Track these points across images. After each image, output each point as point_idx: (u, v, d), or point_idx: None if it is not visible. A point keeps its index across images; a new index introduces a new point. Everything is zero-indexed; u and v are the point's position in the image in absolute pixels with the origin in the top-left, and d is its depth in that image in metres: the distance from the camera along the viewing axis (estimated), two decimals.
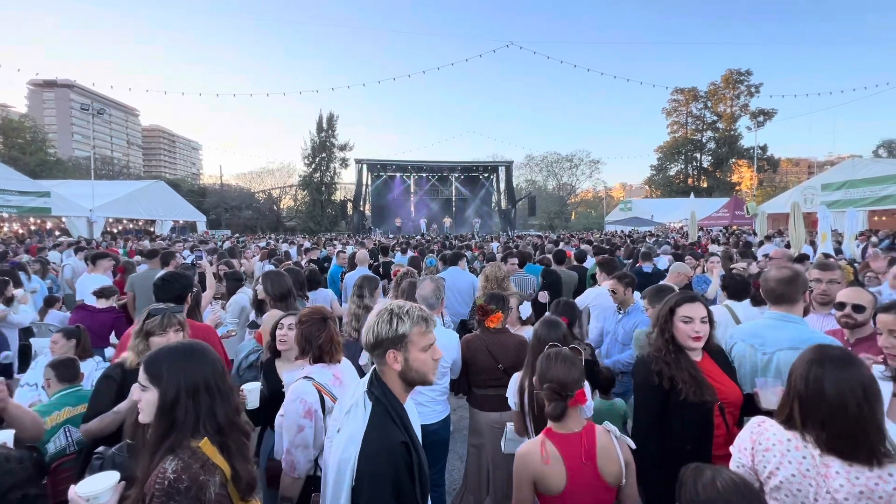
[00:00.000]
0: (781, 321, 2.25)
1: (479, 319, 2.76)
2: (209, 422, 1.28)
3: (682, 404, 1.91)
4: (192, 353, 1.35)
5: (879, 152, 48.47)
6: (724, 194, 37.88)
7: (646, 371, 2.04)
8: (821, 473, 1.35)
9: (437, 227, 28.73)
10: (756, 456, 1.48)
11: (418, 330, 1.42)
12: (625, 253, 9.08)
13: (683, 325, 2.03)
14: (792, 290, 2.28)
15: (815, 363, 1.39)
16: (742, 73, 45.49)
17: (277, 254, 7.50)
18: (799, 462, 1.39)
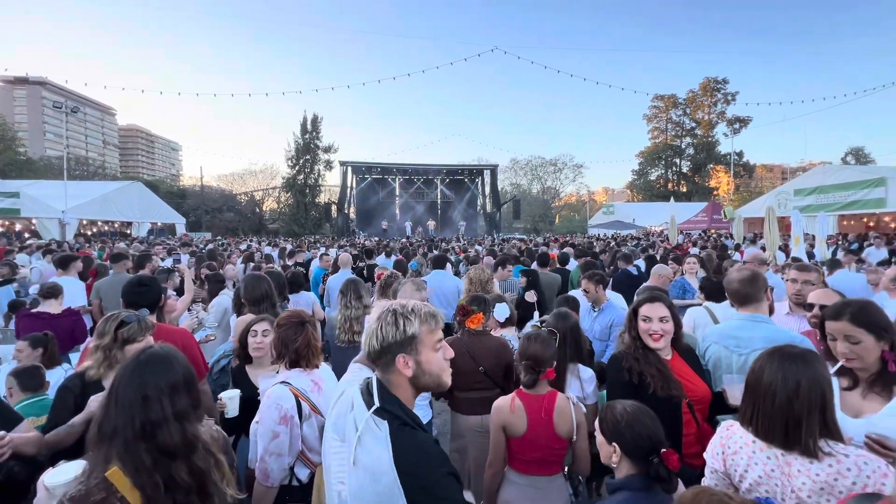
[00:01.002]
0: (752, 322, 2.33)
1: (460, 321, 2.73)
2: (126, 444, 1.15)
3: (651, 399, 1.97)
4: (146, 365, 1.25)
5: (848, 159, 50.48)
6: (702, 199, 38.88)
7: (617, 367, 2.15)
8: (785, 473, 1.38)
9: (422, 231, 28.68)
10: (727, 460, 1.52)
11: (427, 328, 1.29)
12: (608, 258, 9.01)
13: (643, 323, 2.13)
14: (754, 289, 2.37)
15: (768, 357, 1.46)
16: (719, 82, 46.83)
17: (255, 260, 7.26)
18: (764, 463, 1.43)
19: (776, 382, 1.38)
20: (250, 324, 2.44)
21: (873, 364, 1.66)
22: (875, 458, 1.33)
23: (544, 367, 2.04)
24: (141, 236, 22.63)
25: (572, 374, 2.49)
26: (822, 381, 1.37)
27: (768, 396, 1.39)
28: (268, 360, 2.37)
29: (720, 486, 1.56)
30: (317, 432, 1.94)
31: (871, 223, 20.14)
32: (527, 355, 2.08)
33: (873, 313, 1.70)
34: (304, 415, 1.91)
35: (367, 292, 3.35)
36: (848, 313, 1.70)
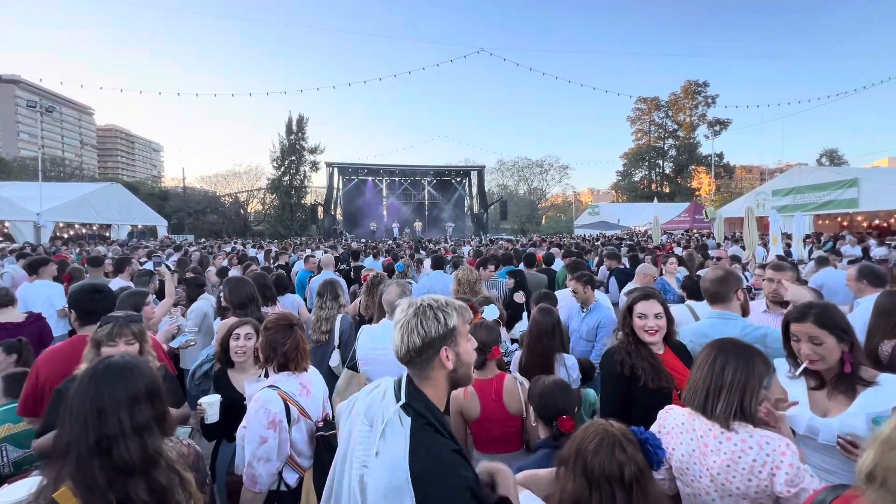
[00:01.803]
0: (721, 319, 2.44)
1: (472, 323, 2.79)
2: (97, 464, 1.08)
3: (643, 390, 2.07)
4: (102, 376, 1.18)
5: (822, 160, 52.15)
6: (685, 199, 39.68)
7: (610, 361, 2.23)
8: (702, 452, 1.52)
9: (409, 232, 28.62)
10: (663, 440, 1.62)
11: (462, 319, 1.30)
12: (597, 259, 9.11)
13: (639, 320, 2.21)
14: (725, 288, 2.48)
15: (713, 343, 1.64)
16: (700, 85, 47.93)
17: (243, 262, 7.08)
18: (688, 444, 1.57)
19: (709, 359, 1.58)
20: (232, 327, 2.41)
21: (835, 365, 1.74)
22: (777, 438, 1.45)
23: (489, 349, 2.30)
24: (121, 239, 22.07)
25: (558, 362, 2.64)
26: (749, 370, 1.51)
27: (699, 369, 1.60)
28: (251, 363, 2.34)
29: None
30: (305, 436, 1.93)
31: (845, 222, 20.83)
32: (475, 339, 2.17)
33: (835, 315, 1.78)
34: (292, 419, 1.89)
35: (343, 293, 3.34)
36: (812, 315, 1.77)
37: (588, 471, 1.22)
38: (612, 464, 1.20)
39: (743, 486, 1.46)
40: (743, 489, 1.46)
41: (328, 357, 3.21)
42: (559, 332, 2.70)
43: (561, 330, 2.74)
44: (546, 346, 2.62)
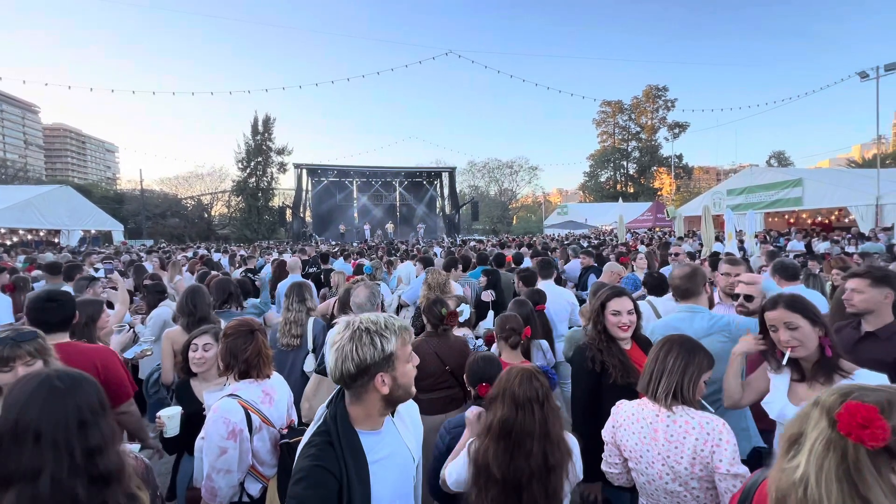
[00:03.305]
0: (691, 313, 2.54)
1: (451, 324, 2.87)
2: (23, 487, 0.99)
3: (612, 387, 2.14)
4: (39, 388, 1.08)
5: (771, 162, 55.41)
6: (648, 199, 41.27)
7: (581, 358, 2.30)
8: (653, 437, 1.64)
9: (381, 234, 28.39)
10: (616, 433, 1.77)
11: (401, 342, 1.26)
12: (560, 255, 9.49)
13: (613, 317, 2.28)
14: (694, 283, 2.60)
15: (663, 339, 1.79)
16: (660, 89, 49.97)
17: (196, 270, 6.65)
18: (639, 432, 1.68)
19: (658, 349, 1.75)
20: (191, 337, 2.32)
21: (814, 351, 1.75)
22: (715, 418, 1.59)
23: (522, 330, 2.61)
24: (71, 245, 20.75)
25: (536, 347, 2.93)
26: (689, 358, 1.67)
27: (649, 359, 1.77)
28: (214, 373, 2.27)
29: (613, 456, 1.82)
30: (269, 445, 1.89)
31: (792, 220, 22.23)
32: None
33: (804, 302, 1.84)
34: (254, 427, 1.84)
35: (311, 295, 3.29)
36: (783, 301, 1.84)
37: (515, 398, 1.61)
38: (532, 389, 1.62)
39: (690, 467, 1.55)
40: (690, 469, 1.55)
41: (300, 361, 3.15)
42: (534, 321, 2.92)
43: (535, 320, 2.99)
44: (521, 328, 2.81)
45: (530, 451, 1.56)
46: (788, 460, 1.03)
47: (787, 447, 1.05)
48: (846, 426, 0.97)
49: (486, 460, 1.58)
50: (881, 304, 2.32)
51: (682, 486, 1.59)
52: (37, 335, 1.79)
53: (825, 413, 1.02)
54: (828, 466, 0.97)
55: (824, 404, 1.03)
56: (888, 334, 2.25)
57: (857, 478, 0.95)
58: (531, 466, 1.55)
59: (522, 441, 1.57)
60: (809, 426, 1.03)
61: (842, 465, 0.96)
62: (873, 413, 0.98)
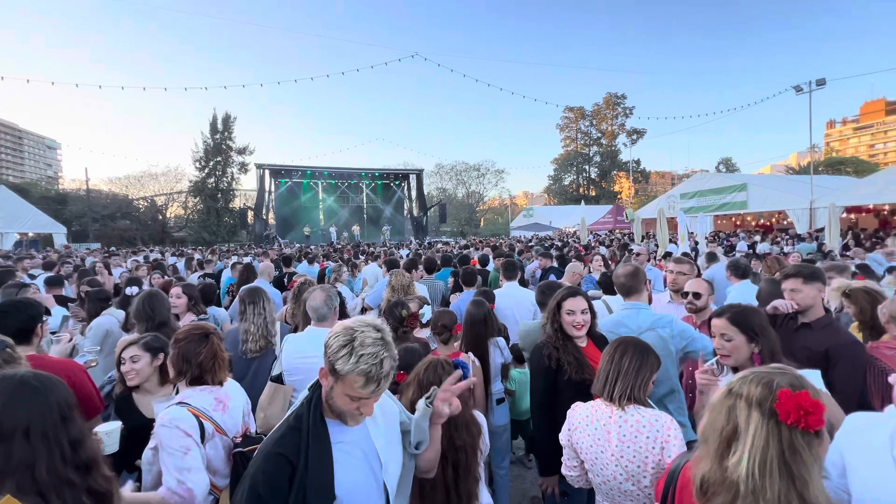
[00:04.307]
0: (635, 309, 2.70)
1: (412, 326, 2.92)
2: (21, 477, 1.05)
3: (568, 383, 2.23)
4: (20, 387, 1.13)
5: (720, 167, 58.95)
6: (608, 202, 42.95)
7: (539, 355, 2.38)
8: (606, 439, 1.70)
9: (347, 236, 27.97)
10: (573, 436, 1.83)
11: (353, 379, 1.27)
12: (527, 257, 9.75)
13: (568, 316, 2.37)
14: (636, 281, 2.76)
15: (615, 340, 1.88)
16: (619, 97, 52.12)
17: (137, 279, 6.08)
18: (593, 433, 1.74)
19: (612, 351, 1.83)
20: (119, 351, 2.21)
21: (745, 363, 1.87)
22: (663, 415, 1.68)
23: (452, 327, 2.75)
24: (5, 249, 19.13)
25: (493, 345, 2.98)
26: (643, 359, 1.76)
27: (603, 360, 1.82)
28: (156, 383, 2.18)
29: (571, 459, 1.88)
30: (222, 453, 1.83)
31: (738, 222, 23.75)
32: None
33: (751, 317, 1.91)
34: (206, 435, 1.78)
35: (264, 300, 3.21)
36: (729, 313, 1.94)
37: (420, 384, 1.80)
38: (436, 376, 1.80)
39: (642, 465, 1.63)
40: (642, 467, 1.63)
41: (265, 369, 3.07)
42: (490, 320, 3.02)
43: (491, 319, 3.07)
44: (478, 333, 2.91)
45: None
46: (730, 457, 1.08)
47: (726, 445, 1.10)
48: (791, 415, 1.04)
49: None
50: (817, 299, 2.54)
51: (635, 484, 1.67)
52: (5, 344, 1.79)
53: (756, 405, 1.08)
54: (770, 456, 1.04)
55: (749, 397, 1.10)
56: (821, 326, 2.45)
57: (795, 461, 1.04)
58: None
59: None
60: (742, 420, 1.09)
61: (782, 453, 1.05)
62: (812, 398, 1.08)
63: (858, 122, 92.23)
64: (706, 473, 1.13)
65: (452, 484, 1.74)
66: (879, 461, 1.32)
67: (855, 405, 2.00)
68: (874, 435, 1.37)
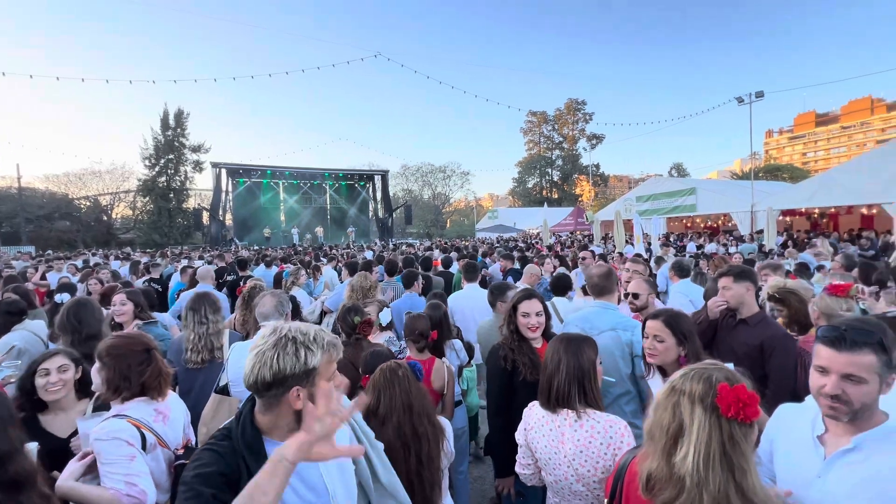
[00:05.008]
0: (603, 309, 2.78)
1: (365, 333, 2.85)
2: None
3: (523, 384, 2.26)
4: None
5: (672, 172, 62.25)
6: (570, 204, 44.41)
7: (495, 357, 2.42)
8: (560, 441, 1.73)
9: (310, 238, 27.27)
10: (528, 435, 1.84)
11: (328, 358, 1.19)
12: (492, 259, 9.92)
13: (523, 318, 2.42)
14: (609, 282, 2.85)
15: (553, 340, 1.90)
16: (579, 103, 53.98)
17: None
18: (548, 435, 1.76)
19: (549, 359, 1.80)
20: (37, 361, 1.99)
21: (672, 365, 1.99)
22: (618, 421, 1.71)
23: (427, 335, 2.76)
24: None
25: (448, 347, 3.03)
26: (581, 360, 1.76)
27: (544, 369, 1.82)
28: (72, 399, 2.02)
29: (526, 458, 1.90)
30: (163, 466, 1.74)
31: (689, 223, 25.13)
32: (417, 331, 2.78)
33: (683, 322, 2.05)
34: (148, 446, 1.69)
35: (210, 306, 3.06)
36: (664, 316, 2.08)
37: (376, 383, 1.91)
38: (392, 373, 1.91)
39: (593, 469, 1.66)
40: (593, 471, 1.66)
41: (212, 381, 2.91)
42: (446, 323, 3.08)
43: (448, 321, 3.13)
44: (437, 335, 2.92)
45: (397, 423, 1.81)
46: (677, 453, 1.13)
47: (672, 441, 1.15)
48: (731, 408, 1.11)
49: None
50: (745, 296, 2.72)
51: (585, 486, 1.70)
52: None
53: (698, 401, 1.15)
54: (713, 449, 1.10)
55: (692, 393, 1.17)
56: (756, 321, 2.63)
57: (735, 452, 1.11)
58: (401, 437, 1.79)
59: (388, 416, 1.84)
60: (686, 416, 1.15)
61: (722, 445, 1.11)
62: (749, 391, 1.15)
63: (793, 132, 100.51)
64: (653, 470, 1.17)
65: (415, 473, 1.75)
66: (802, 442, 1.43)
67: (788, 394, 2.16)
68: (798, 419, 1.49)
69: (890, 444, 1.25)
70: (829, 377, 1.27)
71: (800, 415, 1.50)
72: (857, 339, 1.24)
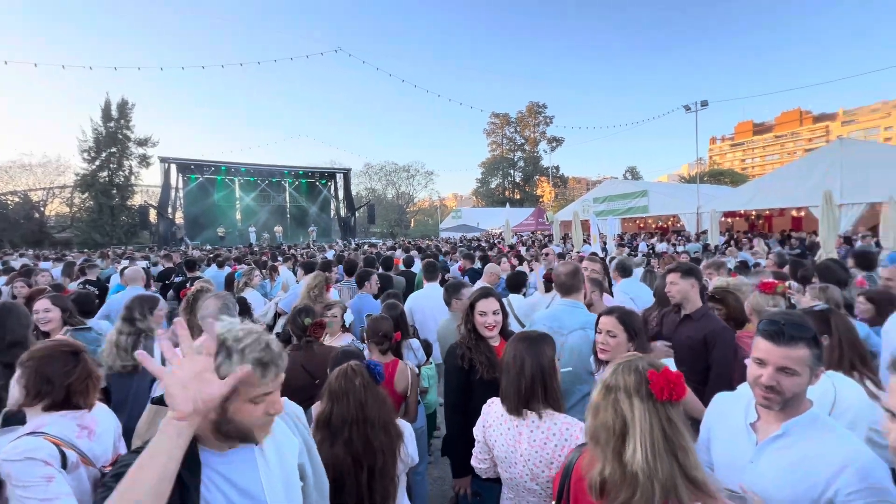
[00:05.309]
0: (571, 307, 2.80)
1: (316, 336, 2.74)
2: None
3: (480, 382, 2.25)
4: None
5: (626, 175, 65.26)
6: (532, 205, 45.51)
7: (452, 356, 2.39)
8: (517, 440, 1.72)
9: (269, 237, 26.29)
10: (487, 432, 1.83)
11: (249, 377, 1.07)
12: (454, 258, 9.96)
13: (480, 317, 2.41)
14: (576, 280, 2.88)
15: (512, 340, 1.85)
16: (540, 106, 55.43)
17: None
18: (506, 433, 1.75)
19: (510, 360, 1.75)
20: None
21: None
22: (574, 423, 1.72)
23: (391, 336, 2.70)
24: None
25: (406, 346, 3.00)
26: (542, 360, 1.73)
27: (507, 372, 1.76)
28: None
29: (483, 453, 1.87)
30: (87, 485, 1.58)
31: (641, 224, 26.39)
32: (381, 333, 2.70)
33: (633, 319, 2.17)
34: (69, 465, 1.53)
35: (144, 313, 2.86)
36: (617, 313, 2.17)
37: (332, 392, 1.80)
38: (348, 381, 1.81)
39: (547, 469, 1.66)
40: (547, 472, 1.67)
41: (145, 389, 2.71)
42: (403, 323, 3.06)
43: (405, 321, 3.13)
44: (392, 332, 2.89)
45: (349, 438, 1.72)
46: (626, 451, 1.14)
47: (621, 441, 1.16)
48: (664, 391, 1.16)
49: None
50: (690, 292, 2.87)
51: (539, 485, 1.71)
52: None
53: (634, 393, 1.18)
54: (655, 436, 1.13)
55: (627, 387, 1.20)
56: (699, 316, 2.79)
57: (674, 432, 1.15)
58: (352, 452, 1.70)
59: (340, 429, 1.74)
60: (627, 410, 1.17)
61: (663, 429, 1.14)
62: (671, 370, 1.20)
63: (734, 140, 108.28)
64: (607, 475, 1.17)
65: (367, 487, 1.69)
66: (736, 430, 1.50)
67: (727, 384, 2.29)
68: (733, 408, 1.57)
69: (814, 429, 1.34)
70: (765, 368, 1.34)
71: (734, 403, 1.58)
72: (794, 333, 1.31)
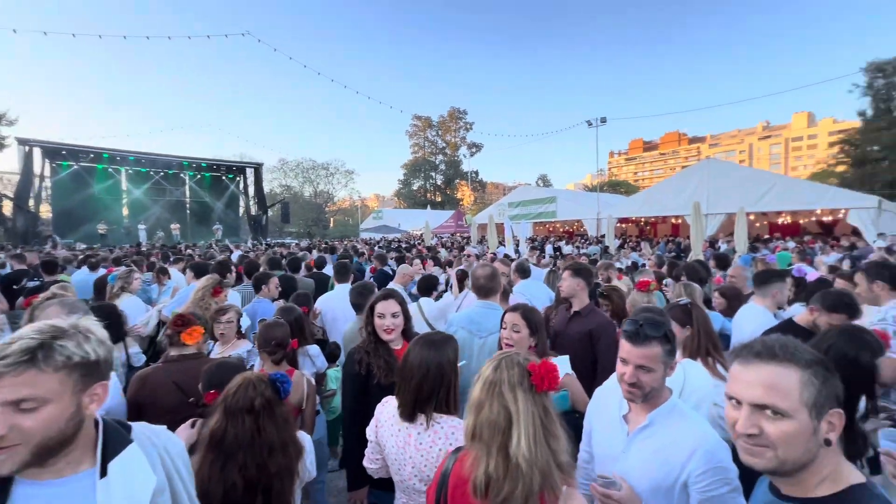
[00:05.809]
0: (488, 309, 2.87)
1: (172, 333, 2.38)
2: None
3: (378, 387, 2.19)
4: None
5: (538, 182, 69.92)
6: (452, 207, 46.58)
7: (350, 362, 2.31)
8: (406, 443, 1.70)
9: (163, 235, 23.41)
10: (379, 432, 1.79)
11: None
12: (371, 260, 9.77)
13: (379, 320, 2.34)
14: (494, 283, 2.97)
15: (414, 342, 1.81)
16: (461, 112, 57.05)
17: None
18: (396, 435, 1.73)
19: (411, 364, 1.70)
20: None
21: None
22: (460, 424, 1.72)
23: (287, 344, 2.55)
24: None
25: (303, 355, 2.86)
26: (445, 365, 1.71)
27: (405, 375, 1.71)
28: None
29: (375, 453, 1.82)
30: None
31: (550, 228, 28.40)
32: (273, 341, 2.51)
33: (535, 315, 2.33)
34: None
35: None
36: (521, 310, 2.31)
37: (227, 408, 1.58)
38: (247, 398, 1.59)
39: (432, 472, 1.64)
40: (432, 475, 1.62)
41: None
42: (301, 327, 2.97)
43: (304, 326, 3.01)
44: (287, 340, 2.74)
45: (243, 463, 1.53)
46: (511, 442, 1.17)
47: (507, 434, 1.19)
48: (544, 381, 1.23)
49: (200, 476, 1.46)
50: (578, 290, 3.13)
51: (427, 486, 1.68)
52: None
53: (518, 385, 1.24)
54: (536, 424, 1.19)
55: (511, 381, 1.25)
56: (586, 312, 3.06)
57: (548, 419, 1.22)
58: (245, 478, 1.52)
59: (234, 453, 1.54)
60: (510, 403, 1.22)
61: (541, 418, 1.21)
62: (546, 362, 1.28)
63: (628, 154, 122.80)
64: (490, 471, 1.19)
65: None
66: (611, 422, 1.64)
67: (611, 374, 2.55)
68: (608, 400, 1.72)
69: (672, 417, 1.50)
70: (628, 367, 1.48)
71: (609, 396, 1.72)
72: (648, 333, 1.45)
